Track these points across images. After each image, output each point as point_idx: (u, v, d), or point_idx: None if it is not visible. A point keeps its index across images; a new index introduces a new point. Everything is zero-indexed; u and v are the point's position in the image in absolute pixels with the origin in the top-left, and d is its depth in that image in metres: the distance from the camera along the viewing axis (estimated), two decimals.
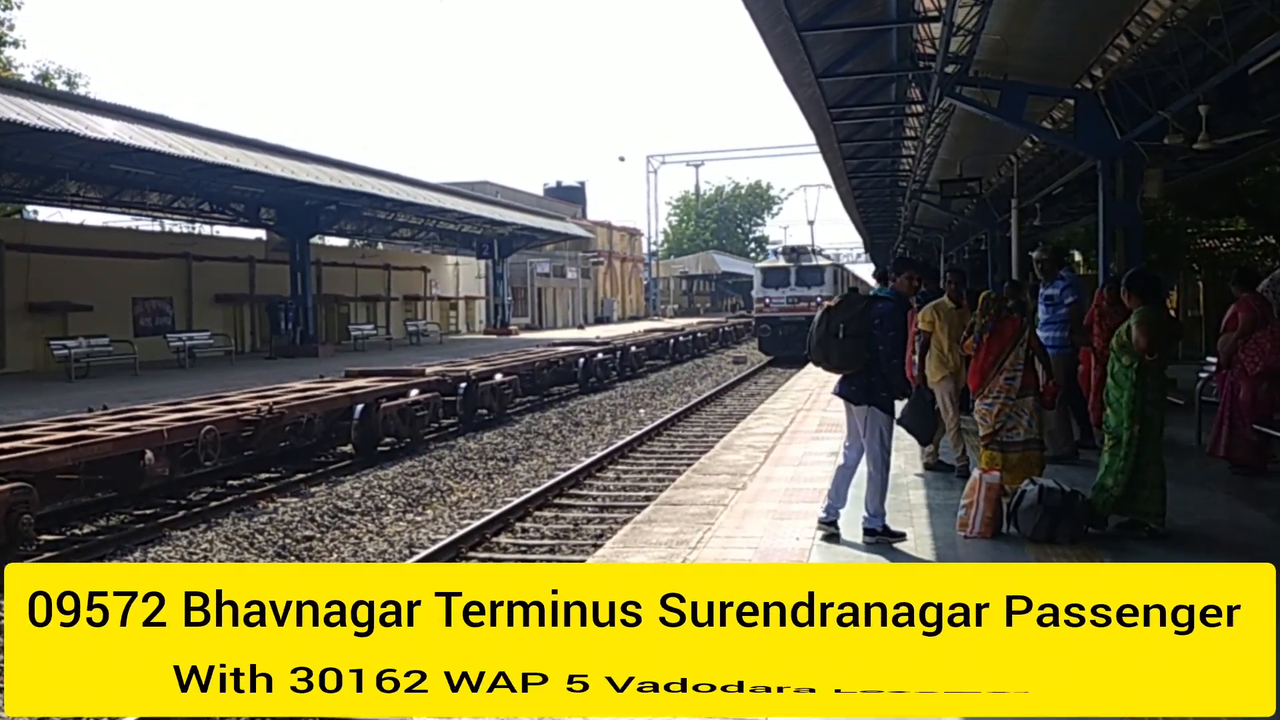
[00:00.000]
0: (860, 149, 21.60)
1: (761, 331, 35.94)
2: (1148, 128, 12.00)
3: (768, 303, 35.27)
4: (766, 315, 35.39)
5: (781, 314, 34.48)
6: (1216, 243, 27.93)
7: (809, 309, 31.79)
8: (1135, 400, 6.51)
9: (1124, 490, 6.52)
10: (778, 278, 35.35)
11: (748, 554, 6.38)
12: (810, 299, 33.33)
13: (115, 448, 10.76)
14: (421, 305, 44.52)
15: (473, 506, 12.62)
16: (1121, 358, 6.62)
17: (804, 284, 34.68)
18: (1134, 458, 6.49)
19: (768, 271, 36.47)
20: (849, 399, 6.82)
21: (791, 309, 34.14)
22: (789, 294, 34.62)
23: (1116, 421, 6.62)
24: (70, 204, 26.76)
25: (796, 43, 10.82)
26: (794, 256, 35.95)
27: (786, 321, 33.86)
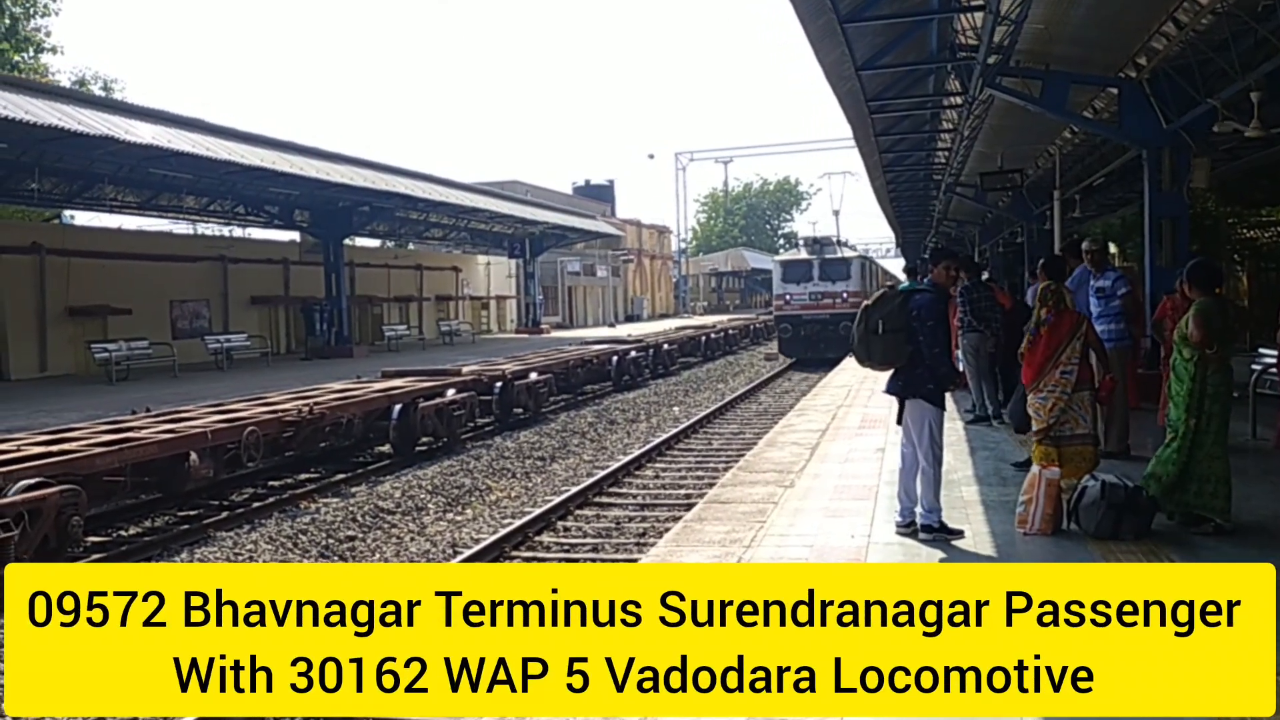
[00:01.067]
0: (896, 142, 21.41)
1: (782, 332, 32.62)
2: (1195, 116, 11.79)
3: (788, 299, 32.15)
4: (787, 313, 32.24)
5: (804, 312, 31.60)
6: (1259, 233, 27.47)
7: (834, 306, 30.64)
8: (1193, 394, 6.38)
9: (1174, 480, 6.40)
10: (799, 272, 32.23)
11: (804, 552, 6.29)
12: (835, 295, 31.10)
13: (161, 449, 10.83)
14: (454, 305, 44.66)
15: (512, 506, 12.61)
16: (1183, 350, 6.49)
17: (828, 278, 31.62)
18: (1188, 450, 6.37)
19: (788, 265, 33.15)
20: (897, 394, 6.75)
21: (814, 306, 31.47)
22: (811, 290, 31.60)
23: (1176, 415, 6.50)
24: (109, 208, 27.05)
25: (838, 34, 10.69)
26: (817, 249, 32.69)
27: (809, 320, 31.35)
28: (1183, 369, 6.47)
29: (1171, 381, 6.60)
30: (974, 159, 20.55)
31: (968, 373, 12.08)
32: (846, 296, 30.66)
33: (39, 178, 21.58)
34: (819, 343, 30.90)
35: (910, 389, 6.65)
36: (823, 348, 30.40)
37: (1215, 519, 6.37)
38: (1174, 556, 5.82)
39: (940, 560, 6.04)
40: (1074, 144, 18.95)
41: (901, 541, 6.47)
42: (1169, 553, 5.91)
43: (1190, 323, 6.37)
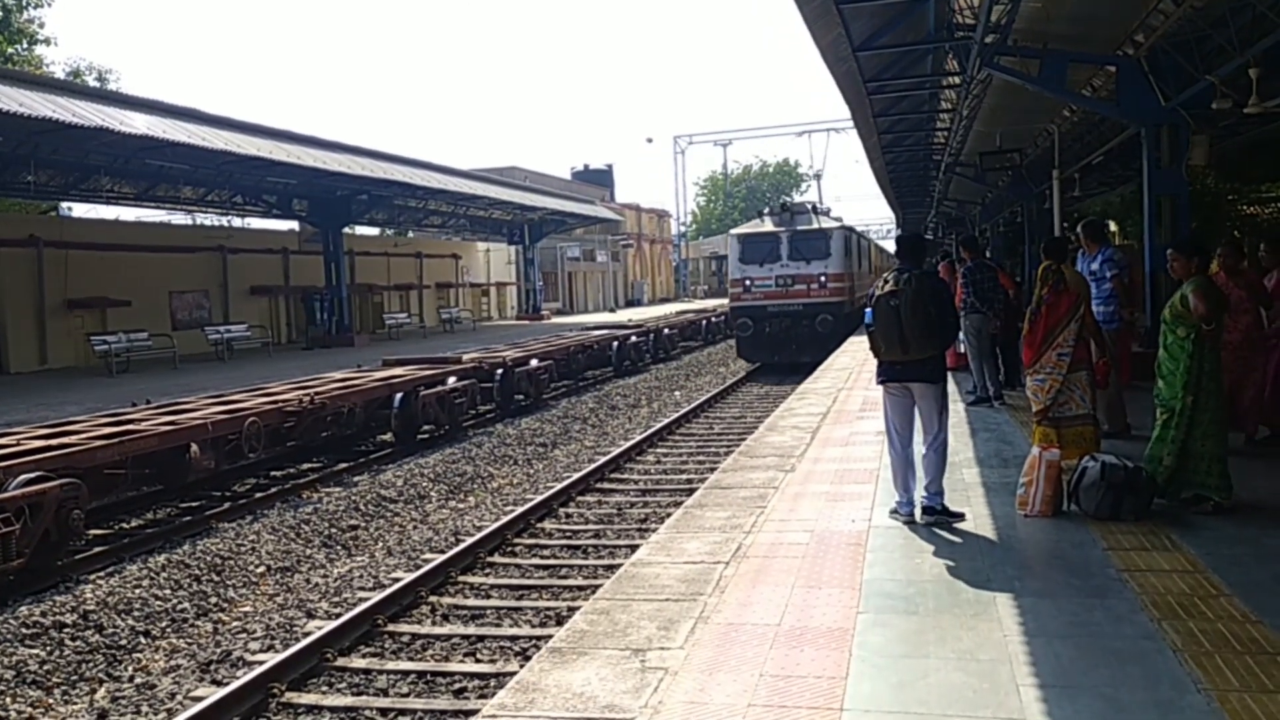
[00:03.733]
0: (895, 123, 21.33)
1: (739, 328, 24.99)
2: (1194, 93, 11.71)
3: (748, 285, 24.72)
4: (746, 304, 24.71)
5: (769, 302, 24.30)
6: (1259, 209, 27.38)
7: (808, 294, 24.02)
8: (1191, 371, 6.37)
9: (1176, 462, 6.39)
10: (762, 249, 24.75)
11: (803, 537, 6.29)
12: (810, 280, 24.18)
13: (161, 442, 10.83)
14: (454, 292, 44.64)
15: (514, 493, 12.62)
16: (1176, 329, 6.46)
17: (800, 257, 24.37)
18: (1186, 429, 6.36)
19: (748, 240, 25.21)
20: (920, 380, 6.54)
21: (782, 294, 24.25)
22: (779, 273, 24.38)
23: (1170, 394, 6.47)
24: (105, 199, 27.01)
25: (834, 15, 10.64)
26: (786, 219, 25.15)
27: (776, 313, 24.17)
28: (1178, 347, 6.45)
29: (1164, 360, 6.57)
30: (973, 139, 20.46)
31: (969, 354, 12.08)
32: (825, 281, 24.18)
33: (34, 170, 21.53)
34: (789, 343, 24.20)
35: (925, 374, 6.53)
36: (794, 349, 23.96)
37: (1214, 497, 6.37)
38: (1174, 537, 5.82)
39: (940, 546, 6.04)
40: (1073, 123, 18.87)
41: (901, 527, 6.46)
42: (1169, 533, 5.90)
43: (1193, 299, 6.34)
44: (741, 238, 25.52)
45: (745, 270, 24.78)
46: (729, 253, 26.18)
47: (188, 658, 7.40)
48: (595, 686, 4.09)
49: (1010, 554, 5.75)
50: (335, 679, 6.74)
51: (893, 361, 6.54)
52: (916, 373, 6.52)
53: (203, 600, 8.69)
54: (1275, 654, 4.07)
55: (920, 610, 4.85)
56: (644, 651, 4.43)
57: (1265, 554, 5.45)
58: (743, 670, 4.20)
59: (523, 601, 8.19)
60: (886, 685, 3.99)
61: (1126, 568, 5.31)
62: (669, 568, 5.74)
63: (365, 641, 7.37)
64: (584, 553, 9.64)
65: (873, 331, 6.53)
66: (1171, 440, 6.41)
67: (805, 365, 20.23)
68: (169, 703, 6.57)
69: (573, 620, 4.99)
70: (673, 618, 4.87)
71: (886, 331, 6.39)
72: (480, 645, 7.23)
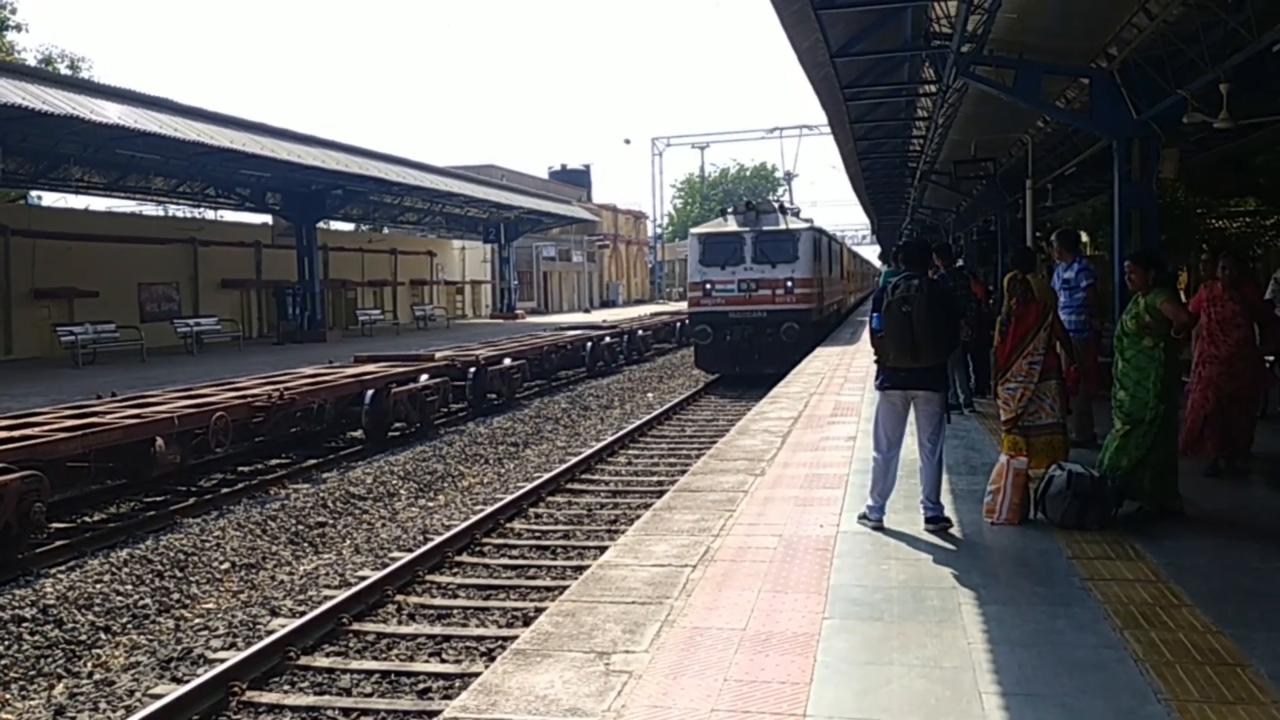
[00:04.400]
0: (871, 130, 21.38)
1: (698, 335, 23.14)
2: (1165, 107, 11.82)
3: (708, 290, 22.95)
4: (706, 310, 22.94)
5: (731, 308, 22.60)
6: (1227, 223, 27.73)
7: (774, 301, 22.45)
8: (1164, 380, 6.43)
9: (1134, 467, 6.44)
10: (724, 250, 23.05)
11: (771, 541, 6.29)
12: (777, 285, 22.55)
13: (126, 435, 10.71)
14: (428, 290, 44.43)
15: (485, 492, 12.57)
16: (1143, 339, 6.52)
17: (766, 259, 22.70)
18: (1154, 438, 6.42)
19: (709, 240, 23.53)
20: (924, 388, 6.49)
21: (745, 300, 22.59)
22: (742, 277, 22.73)
23: (1136, 405, 6.51)
24: (75, 189, 26.69)
25: (812, 20, 10.64)
26: (751, 218, 23.47)
27: (738, 320, 22.50)
28: (1145, 357, 6.50)
29: (1128, 371, 6.62)
30: (948, 147, 20.56)
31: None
32: (792, 286, 22.57)
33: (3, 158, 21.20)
34: (752, 353, 22.47)
35: (930, 382, 6.50)
36: (757, 360, 22.28)
37: (1170, 505, 6.46)
38: (1138, 546, 5.87)
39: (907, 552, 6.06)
40: (1046, 133, 19.00)
41: (869, 533, 6.48)
42: (1133, 542, 5.95)
43: (1166, 308, 6.39)
44: (703, 237, 23.79)
45: (706, 273, 23.05)
46: (689, 253, 24.62)
47: (148, 654, 7.32)
48: (559, 689, 4.06)
49: (976, 561, 5.78)
50: (298, 678, 6.68)
51: (899, 368, 6.47)
52: (921, 380, 6.48)
53: (165, 596, 8.59)
54: (1235, 665, 4.10)
55: (885, 616, 4.86)
56: (609, 655, 4.42)
57: (1227, 565, 5.51)
58: (707, 674, 4.19)
59: (490, 602, 8.16)
60: (850, 691, 4.00)
61: (1090, 576, 5.35)
62: (636, 570, 5.73)
63: (329, 640, 7.31)
64: (553, 553, 9.62)
65: (882, 337, 6.45)
66: (1135, 449, 6.46)
67: (769, 377, 18.58)
68: (127, 700, 6.49)
69: (538, 622, 4.97)
70: (638, 621, 4.86)
71: (899, 338, 6.33)
72: (446, 645, 7.19)
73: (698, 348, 23.50)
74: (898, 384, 6.53)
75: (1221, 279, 8.08)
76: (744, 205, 24.56)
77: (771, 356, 21.80)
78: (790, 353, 21.47)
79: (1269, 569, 5.42)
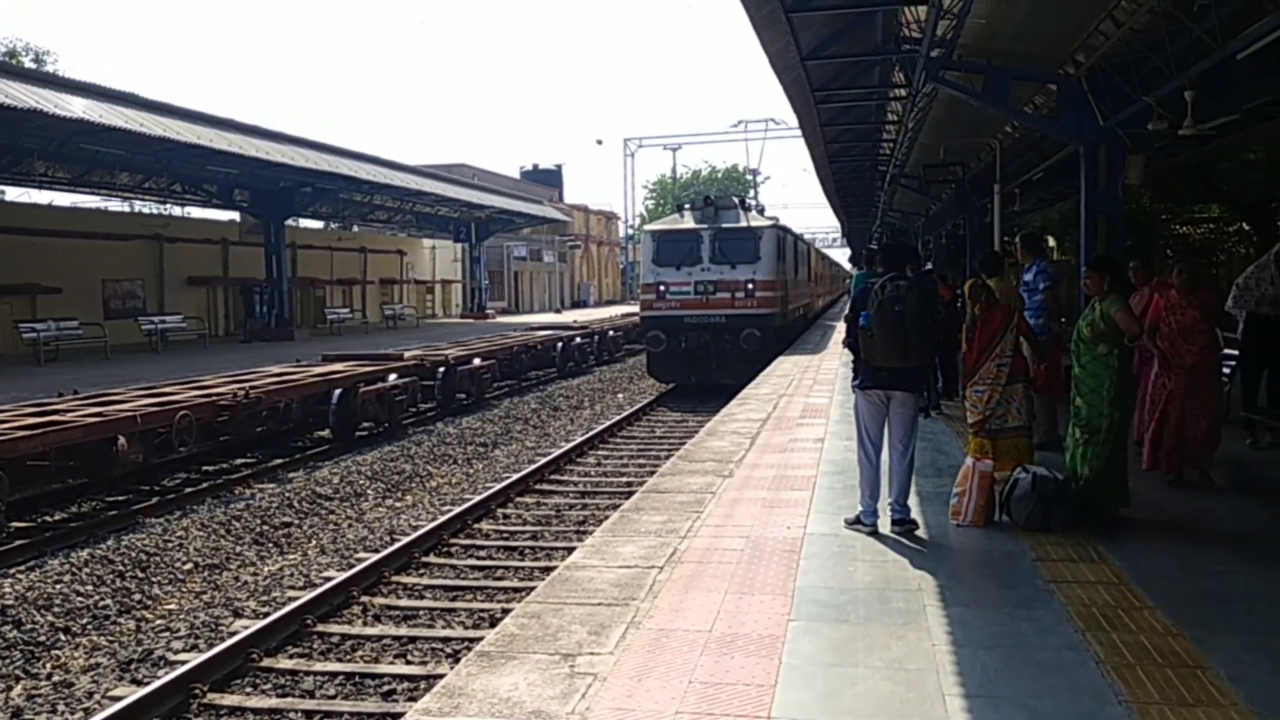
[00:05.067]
0: (842, 133, 21.48)
1: (651, 342, 21.23)
2: (1131, 113, 11.96)
3: (662, 292, 21.08)
4: (660, 314, 21.01)
5: (686, 312, 20.72)
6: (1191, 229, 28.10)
7: (733, 305, 20.65)
8: (1117, 387, 6.49)
9: (1098, 477, 6.50)
10: (680, 249, 21.16)
11: (739, 543, 6.29)
12: (737, 287, 20.69)
13: (87, 434, 10.55)
14: (398, 289, 44.22)
15: (453, 492, 12.50)
16: (1097, 346, 6.57)
17: (725, 259, 20.85)
18: (1112, 444, 6.48)
19: (664, 238, 21.56)
20: (905, 388, 6.51)
21: (702, 304, 20.75)
22: (699, 279, 20.83)
23: (1093, 412, 6.57)
24: (39, 184, 26.33)
25: (783, 23, 10.68)
26: (710, 214, 21.48)
27: (695, 325, 20.66)
28: (1099, 365, 6.56)
29: (1083, 378, 6.68)
30: (918, 151, 20.69)
31: None
32: (753, 289, 20.75)
33: None
34: (708, 361, 20.71)
35: (911, 382, 6.53)
36: (715, 369, 20.61)
37: (1118, 507, 6.53)
38: (1101, 549, 5.92)
39: (874, 555, 6.08)
40: (1015, 138, 19.17)
41: (836, 533, 6.49)
42: (1096, 545, 6.00)
43: (1120, 316, 6.45)
44: (656, 235, 21.79)
45: (660, 274, 21.16)
46: (642, 252, 22.52)
47: (108, 656, 7.21)
48: (522, 692, 4.04)
49: (942, 563, 5.81)
50: (260, 680, 6.61)
51: (884, 368, 6.44)
52: (903, 381, 6.49)
53: (126, 597, 8.47)
54: (1195, 667, 4.14)
55: (851, 618, 4.87)
56: (574, 656, 4.40)
57: (1189, 568, 5.57)
58: (672, 677, 4.18)
59: (456, 603, 8.11)
60: (815, 693, 4.00)
61: (1054, 579, 5.39)
62: (603, 572, 5.71)
63: (293, 642, 7.23)
64: (520, 554, 9.58)
65: (872, 336, 6.39)
66: (1095, 457, 6.51)
67: (727, 389, 17.16)
68: (86, 702, 6.40)
69: (503, 623, 4.94)
70: (604, 622, 4.84)
71: (891, 337, 6.31)
72: (411, 647, 7.14)
73: (650, 355, 21.70)
74: (879, 383, 6.52)
75: (1177, 286, 7.85)
76: (702, 200, 22.19)
77: (729, 366, 20.35)
78: (750, 362, 19.88)
79: (1230, 572, 5.49)
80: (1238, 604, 4.95)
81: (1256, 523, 6.25)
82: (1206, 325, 7.77)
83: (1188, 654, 4.28)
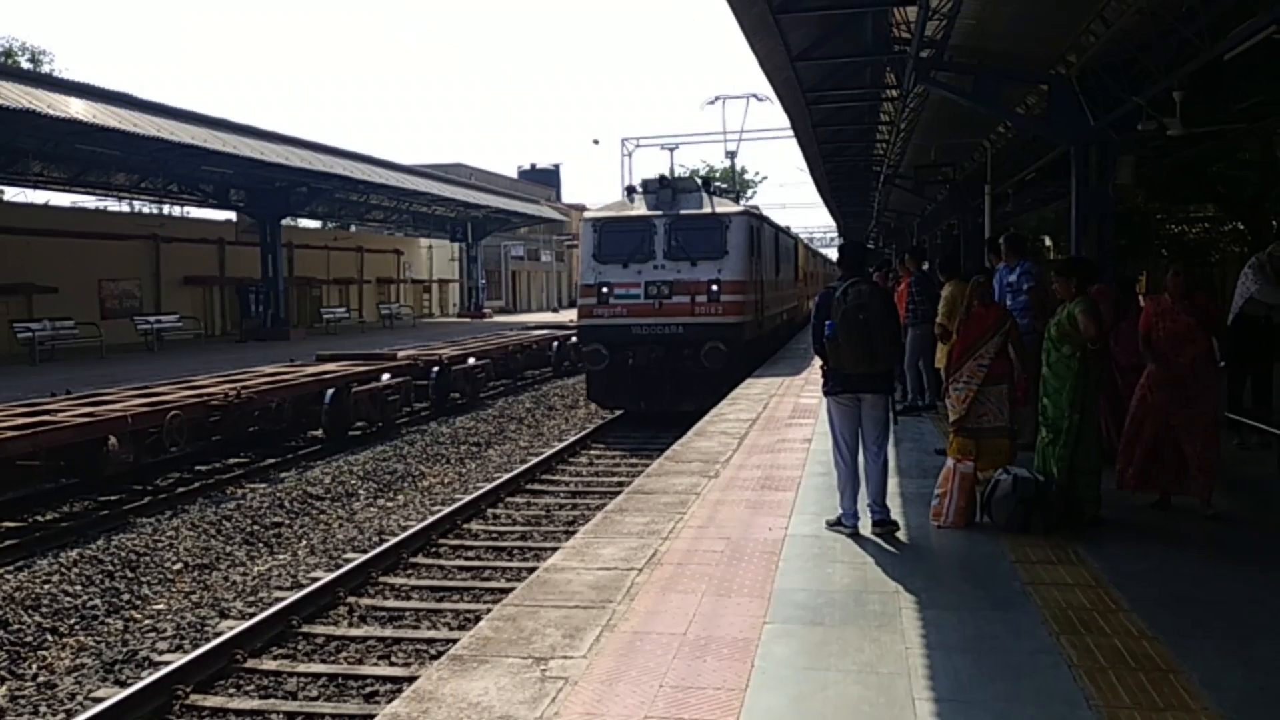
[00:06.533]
0: (835, 133, 21.53)
1: (589, 358, 17.12)
2: (1121, 114, 11.97)
3: (605, 295, 16.91)
4: (601, 323, 16.96)
5: (634, 320, 16.71)
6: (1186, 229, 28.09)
7: (694, 312, 16.54)
8: (1077, 390, 6.48)
9: (1065, 479, 6.50)
10: (628, 241, 16.97)
11: (720, 544, 6.30)
12: (700, 288, 16.55)
13: (77, 434, 10.57)
14: (395, 288, 44.22)
15: (444, 492, 12.51)
16: (1061, 347, 6.58)
17: (685, 254, 16.71)
18: (1074, 446, 6.47)
19: (607, 228, 17.30)
20: (873, 390, 6.53)
21: (655, 310, 16.64)
22: (651, 278, 16.74)
23: (1056, 413, 6.58)
24: (34, 184, 26.38)
25: (772, 25, 10.70)
26: (666, 198, 17.26)
27: (645, 336, 16.60)
28: (1064, 366, 6.56)
29: (1048, 378, 6.68)
30: (911, 151, 20.71)
31: (907, 361, 12.15)
32: (718, 291, 16.58)
33: None
34: (661, 383, 16.63)
35: (879, 384, 6.55)
36: (669, 393, 16.63)
37: (1089, 510, 6.53)
38: (1080, 551, 5.93)
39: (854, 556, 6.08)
40: (1007, 139, 19.19)
41: (817, 535, 6.50)
42: (1076, 547, 6.01)
43: (1082, 319, 6.44)
44: (598, 224, 17.43)
45: (602, 272, 17.00)
46: (580, 245, 18.14)
47: (94, 656, 7.22)
48: (493, 696, 4.04)
49: (921, 565, 5.82)
50: (244, 681, 6.62)
51: (851, 373, 6.44)
52: (872, 384, 6.52)
53: (114, 597, 8.48)
54: (1168, 671, 4.15)
55: (826, 621, 4.88)
56: (546, 660, 4.40)
57: (1168, 571, 5.57)
58: (643, 681, 4.18)
59: (443, 604, 8.12)
60: (785, 698, 4.00)
61: (1032, 581, 5.39)
62: (582, 573, 5.72)
63: (278, 643, 7.24)
64: (509, 555, 9.58)
65: (839, 344, 6.34)
66: (1060, 458, 6.52)
67: (686, 415, 14.21)
68: (69, 703, 6.40)
69: (478, 626, 4.95)
70: (579, 625, 4.84)
71: (858, 344, 6.28)
72: (396, 648, 7.15)
73: (589, 374, 17.48)
74: (849, 387, 6.55)
75: (1170, 290, 7.01)
76: (656, 181, 17.74)
77: (688, 388, 16.48)
78: (715, 383, 16.13)
79: (1210, 575, 5.50)
80: (1215, 607, 4.95)
81: (1239, 525, 6.25)
82: (1202, 333, 6.86)
83: (1161, 658, 4.29)
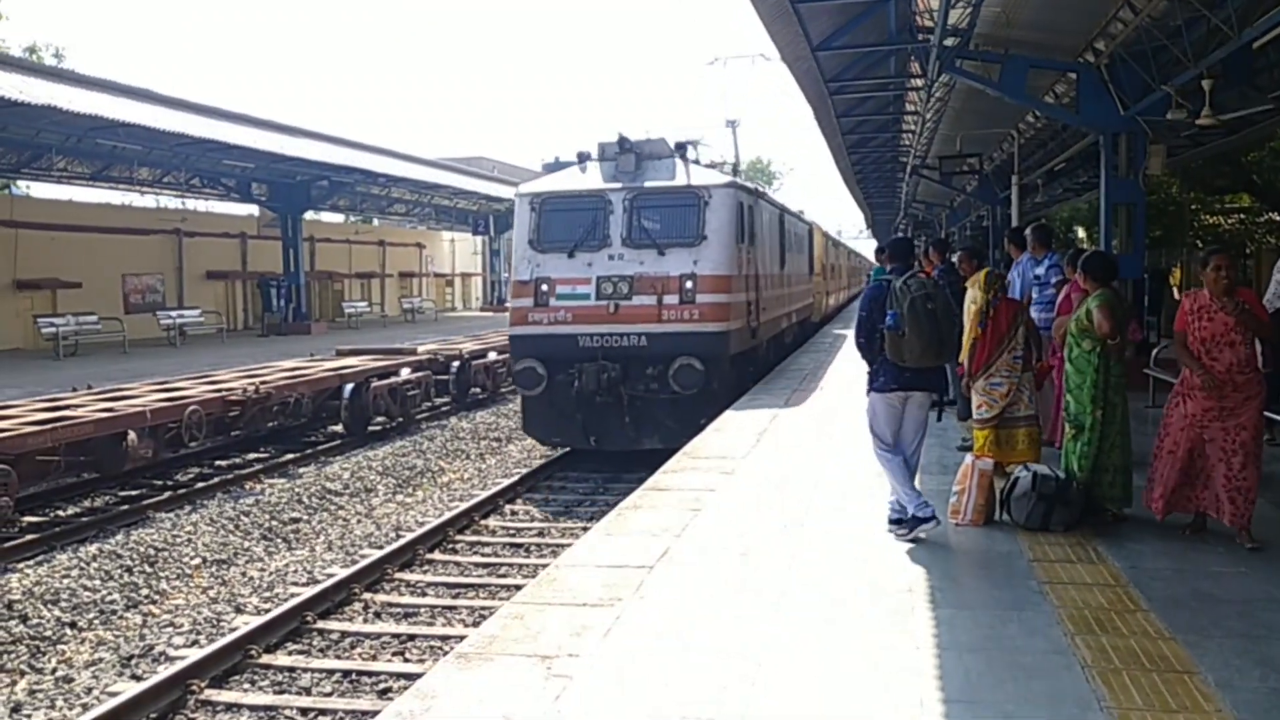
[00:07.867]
0: (859, 124, 21.32)
1: (524, 379, 12.76)
2: (1150, 103, 11.77)
3: (544, 295, 12.78)
4: (538, 332, 12.80)
5: (581, 328, 12.57)
6: (1221, 219, 27.69)
7: (660, 316, 12.38)
8: (1097, 385, 6.34)
9: (1088, 476, 6.36)
10: (576, 223, 12.97)
11: (733, 542, 6.21)
12: (669, 285, 12.45)
13: (97, 428, 10.63)
14: (417, 282, 44.34)
15: (463, 488, 12.49)
16: (1081, 343, 6.44)
17: (650, 238, 12.67)
18: (1097, 443, 6.33)
19: (548, 206, 13.16)
20: (926, 388, 6.35)
21: (608, 315, 12.50)
22: (604, 271, 12.62)
23: (1078, 409, 6.44)
24: (57, 179, 26.56)
25: (790, 14, 10.58)
26: (626, 165, 13.11)
27: (597, 350, 12.42)
28: (1084, 362, 6.42)
29: (1070, 375, 6.55)
30: (938, 142, 20.51)
31: None
32: (693, 290, 12.48)
33: None
34: (615, 412, 12.54)
35: (933, 382, 6.42)
36: (627, 425, 12.56)
37: (1112, 509, 6.39)
38: (1100, 549, 5.80)
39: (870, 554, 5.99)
40: (1036, 128, 18.96)
41: (831, 532, 6.40)
42: (1096, 545, 5.89)
43: (1097, 314, 6.29)
44: (536, 200, 13.27)
45: (541, 264, 12.92)
46: (514, 229, 13.70)
47: (111, 651, 7.24)
48: (496, 694, 3.99)
49: (936, 563, 5.71)
50: (258, 676, 6.62)
51: (910, 368, 6.17)
52: (926, 381, 6.32)
53: (133, 592, 8.51)
54: (1183, 672, 4.04)
55: (838, 620, 4.79)
56: (552, 659, 4.34)
57: (1187, 570, 5.44)
58: (649, 680, 4.12)
59: (458, 600, 8.09)
60: (794, 697, 3.92)
61: (1049, 579, 5.28)
62: (592, 571, 5.65)
63: (293, 638, 7.24)
64: (526, 551, 9.54)
65: (902, 335, 6.02)
66: (1083, 456, 6.39)
67: (649, 455, 11.46)
68: (85, 697, 6.43)
69: (486, 624, 4.90)
70: (587, 624, 4.78)
71: (926, 337, 6.01)
72: (410, 645, 7.13)
73: (524, 400, 13.35)
74: (903, 384, 6.27)
75: (1210, 285, 5.92)
76: (616, 143, 13.34)
77: (650, 419, 12.61)
78: (687, 412, 12.29)
79: (1229, 573, 5.36)
80: (1233, 607, 4.81)
81: (1261, 523, 6.09)
82: (1243, 335, 5.85)
83: (1177, 658, 4.18)
